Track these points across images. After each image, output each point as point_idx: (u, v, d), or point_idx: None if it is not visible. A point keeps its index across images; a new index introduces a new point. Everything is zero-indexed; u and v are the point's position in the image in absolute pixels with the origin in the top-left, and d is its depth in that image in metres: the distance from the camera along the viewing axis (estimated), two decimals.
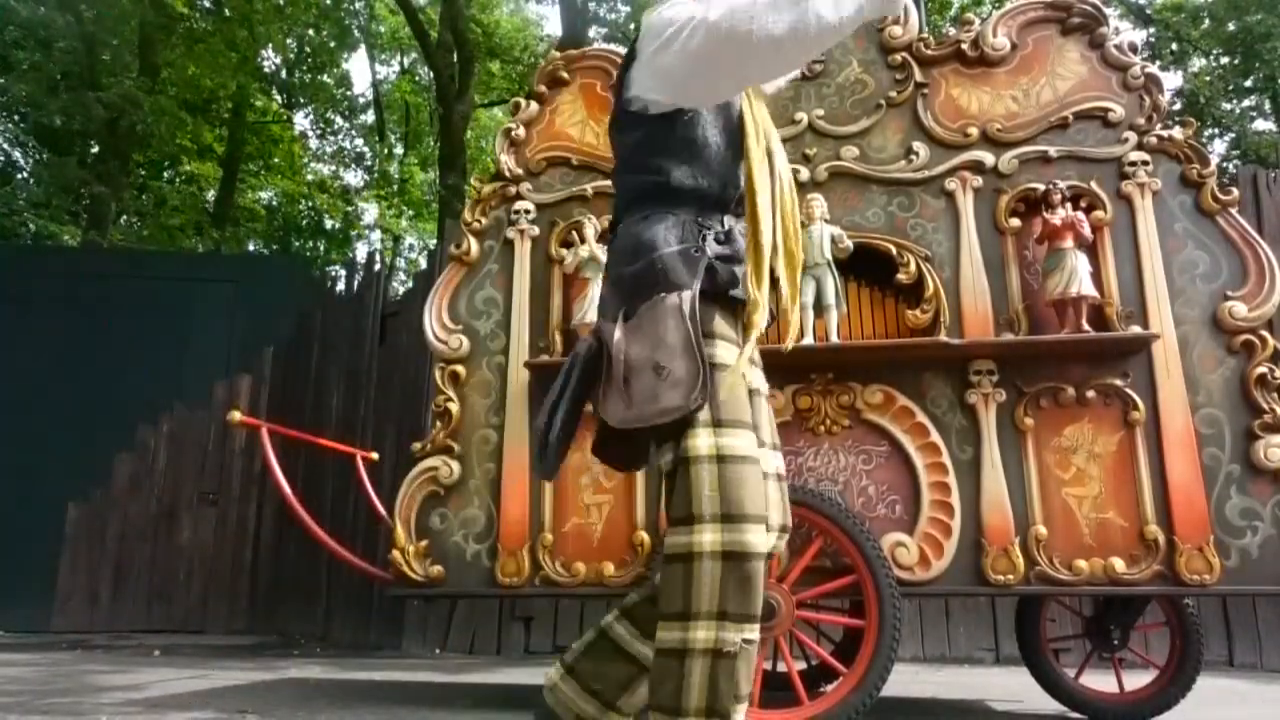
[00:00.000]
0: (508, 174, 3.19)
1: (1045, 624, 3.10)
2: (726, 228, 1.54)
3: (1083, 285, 2.61)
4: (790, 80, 2.09)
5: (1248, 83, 11.88)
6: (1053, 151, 2.83)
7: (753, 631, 1.35)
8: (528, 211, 3.13)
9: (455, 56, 10.92)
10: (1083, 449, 2.62)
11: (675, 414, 1.35)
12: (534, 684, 3.85)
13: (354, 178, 17.30)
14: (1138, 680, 2.91)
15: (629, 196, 1.58)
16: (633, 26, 13.88)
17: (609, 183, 3.09)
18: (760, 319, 1.44)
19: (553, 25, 21.40)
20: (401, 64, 17.17)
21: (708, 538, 1.33)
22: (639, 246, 1.48)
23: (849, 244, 2.81)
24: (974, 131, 2.90)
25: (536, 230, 3.11)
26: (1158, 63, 11.01)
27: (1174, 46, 12.06)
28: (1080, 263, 2.63)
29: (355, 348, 6.51)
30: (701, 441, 1.37)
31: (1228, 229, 2.71)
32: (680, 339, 1.37)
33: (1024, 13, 2.97)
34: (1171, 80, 11.99)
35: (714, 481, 1.35)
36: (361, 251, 16.82)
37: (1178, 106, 11.01)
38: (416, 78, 16.52)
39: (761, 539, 1.36)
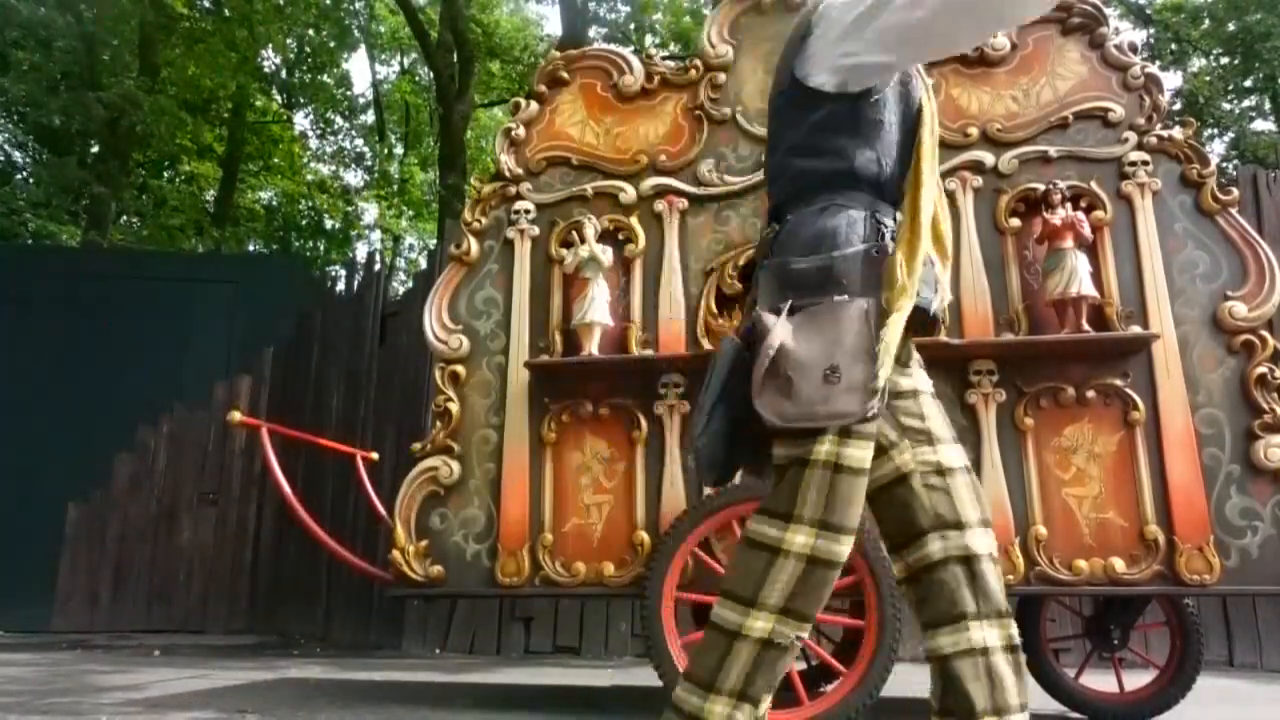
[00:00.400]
0: (508, 174, 3.19)
1: (1045, 624, 3.10)
2: (899, 224, 1.48)
3: (1083, 285, 2.61)
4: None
5: (1247, 83, 11.88)
6: (1053, 151, 2.83)
7: (807, 630, 1.37)
8: (528, 211, 3.13)
9: (455, 56, 10.91)
10: (1083, 449, 2.62)
11: (851, 419, 1.34)
12: (534, 684, 3.85)
13: (354, 178, 17.33)
14: (1138, 680, 2.91)
15: (802, 183, 1.50)
16: (633, 27, 13.89)
17: (609, 183, 3.10)
18: (906, 304, 1.41)
19: (553, 25, 21.40)
20: (401, 64, 17.17)
21: (800, 539, 1.34)
22: (818, 240, 1.43)
23: None
24: (974, 131, 2.90)
25: (536, 230, 3.11)
26: (1158, 63, 11.01)
27: (1174, 47, 12.06)
28: (1080, 263, 2.63)
29: (355, 348, 6.52)
30: (824, 447, 1.36)
31: (1228, 229, 2.71)
32: (861, 344, 1.35)
33: None
34: (1171, 80, 11.99)
35: (823, 488, 1.35)
36: (361, 251, 16.84)
37: (1177, 106, 11.01)
38: (416, 78, 16.52)
39: (848, 550, 1.37)
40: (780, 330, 1.38)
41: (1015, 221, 2.80)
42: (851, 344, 1.35)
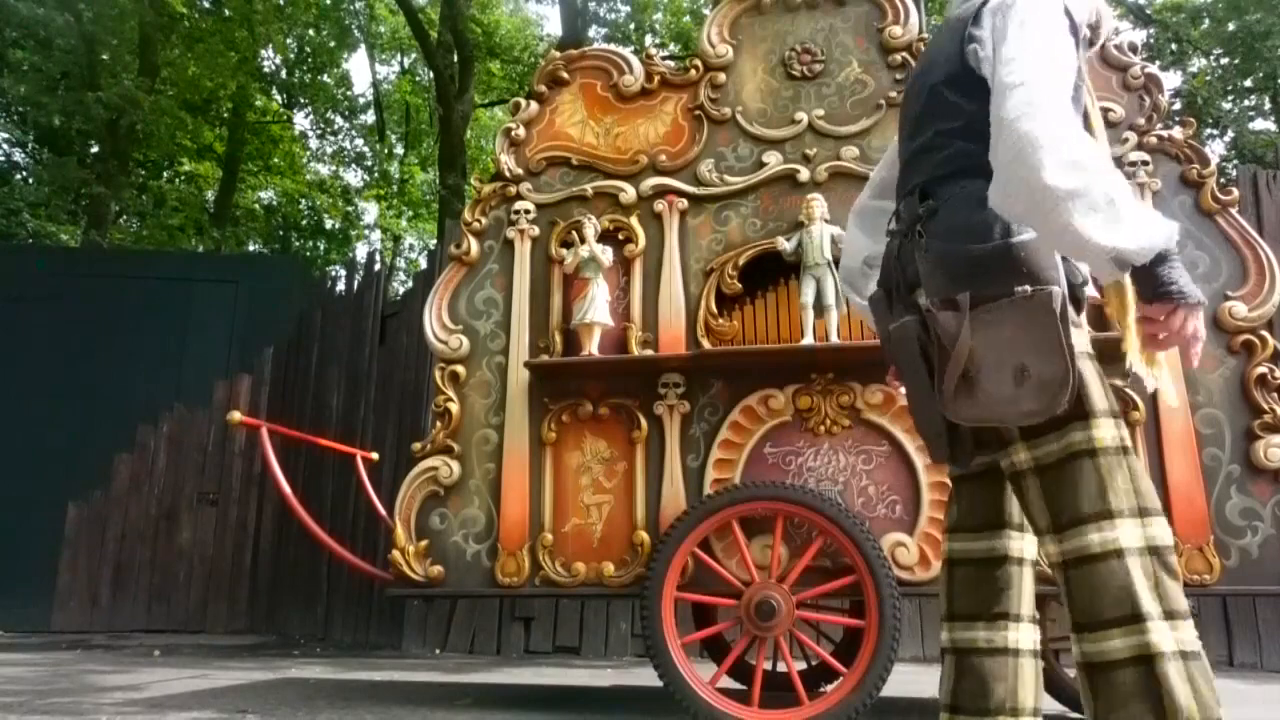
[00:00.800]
0: (508, 174, 3.18)
1: (1045, 624, 3.10)
2: None
3: None
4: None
5: (1247, 83, 11.89)
6: None
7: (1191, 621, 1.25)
8: (528, 211, 3.13)
9: (455, 56, 10.91)
10: None
11: (1038, 418, 1.28)
12: (534, 684, 3.85)
13: (354, 178, 17.31)
14: None
15: (963, 162, 1.41)
16: (633, 27, 13.90)
17: (609, 183, 3.10)
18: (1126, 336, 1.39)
19: (553, 25, 21.42)
20: (401, 64, 17.16)
21: (1132, 533, 1.25)
22: (989, 223, 1.32)
23: None
24: None
25: (536, 230, 3.11)
26: (1158, 63, 11.01)
27: (1174, 47, 12.06)
28: None
29: (355, 348, 6.52)
30: (1107, 433, 1.29)
31: (1228, 229, 2.71)
32: (1049, 339, 1.27)
33: None
34: (1171, 80, 11.99)
35: (1126, 474, 1.28)
36: (361, 251, 16.83)
37: (1177, 106, 11.02)
38: (416, 78, 16.51)
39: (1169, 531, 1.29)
40: (965, 330, 1.30)
41: None
42: (1038, 339, 1.28)
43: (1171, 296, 1.20)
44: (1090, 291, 2.65)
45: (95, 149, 11.95)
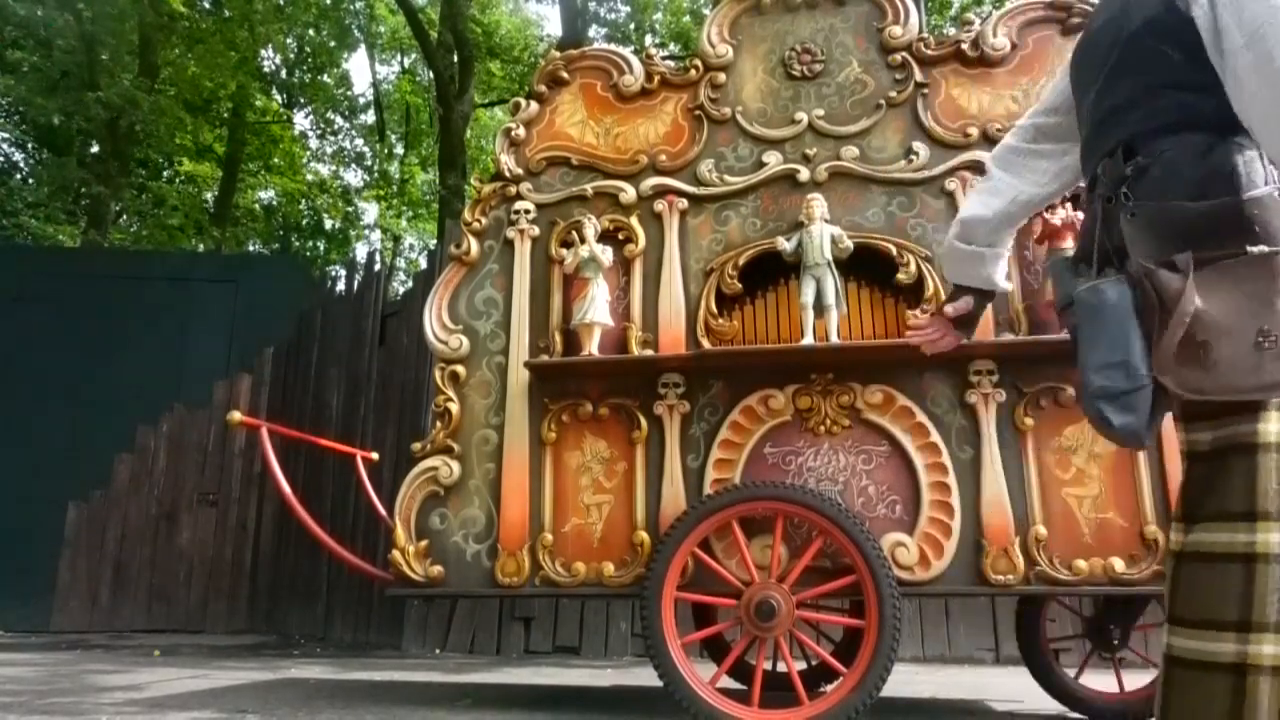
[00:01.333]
0: (508, 174, 3.18)
1: (1045, 624, 3.10)
2: None
3: None
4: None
5: None
6: None
7: None
8: (528, 211, 3.13)
9: (455, 56, 10.92)
10: (1083, 449, 2.62)
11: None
12: (534, 684, 3.85)
13: (354, 178, 17.32)
14: (1138, 680, 2.91)
15: (1174, 115, 1.30)
16: (633, 27, 13.90)
17: (609, 183, 3.10)
18: None
19: (553, 25, 21.43)
20: (401, 64, 17.17)
21: (1275, 539, 1.16)
22: (1209, 180, 1.23)
23: (849, 244, 2.81)
24: (974, 131, 2.90)
25: (536, 230, 3.11)
26: None
27: None
28: None
29: (355, 348, 6.52)
30: (1274, 427, 1.19)
31: None
32: None
33: (1024, 13, 2.97)
34: None
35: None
36: (361, 251, 16.85)
37: None
38: (416, 78, 16.52)
39: None
40: (1190, 291, 1.18)
41: None
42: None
43: None
44: None
45: (95, 149, 11.96)
